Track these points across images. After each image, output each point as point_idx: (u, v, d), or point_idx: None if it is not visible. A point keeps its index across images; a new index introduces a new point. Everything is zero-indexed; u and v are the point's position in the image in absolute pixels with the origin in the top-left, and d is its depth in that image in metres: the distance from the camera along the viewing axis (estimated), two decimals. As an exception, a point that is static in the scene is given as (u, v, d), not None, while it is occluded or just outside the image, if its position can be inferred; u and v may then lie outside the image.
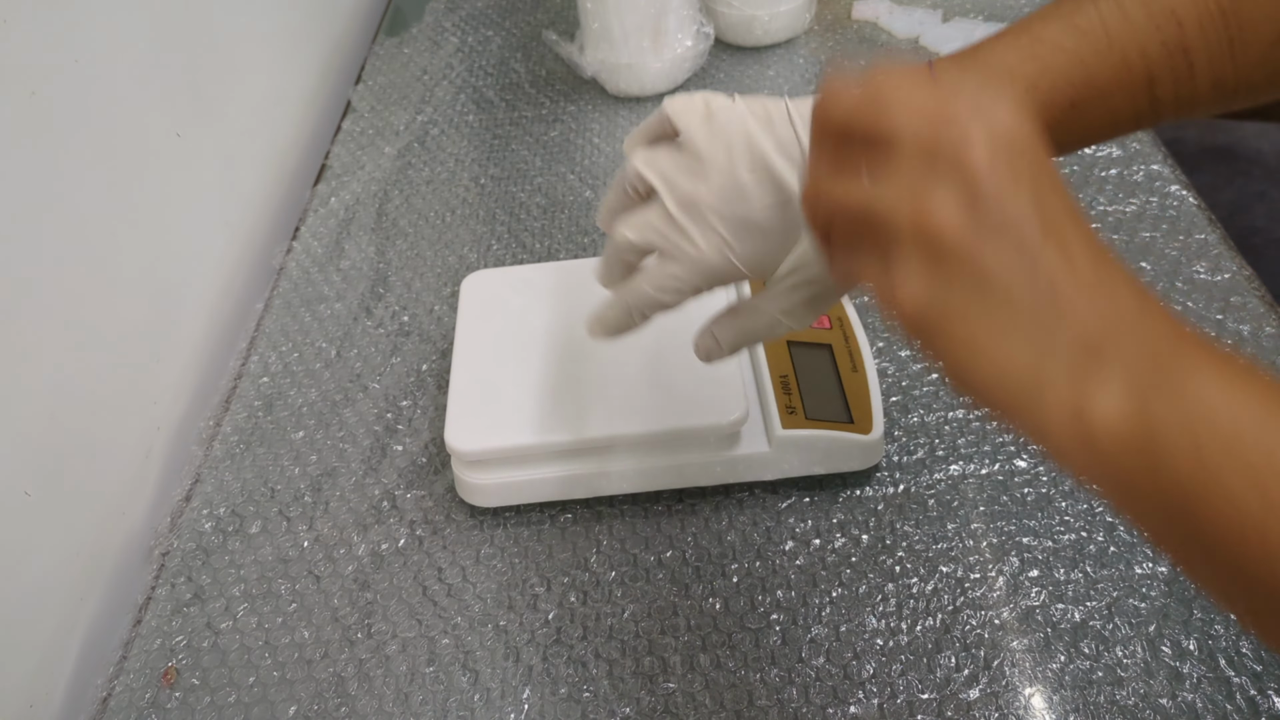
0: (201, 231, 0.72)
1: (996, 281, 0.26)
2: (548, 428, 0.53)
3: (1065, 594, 0.49)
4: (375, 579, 0.54)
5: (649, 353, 0.55)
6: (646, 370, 0.54)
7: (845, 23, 0.94)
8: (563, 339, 0.57)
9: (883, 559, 0.52)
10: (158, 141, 0.67)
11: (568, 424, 0.53)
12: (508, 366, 0.56)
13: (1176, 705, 0.45)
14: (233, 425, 0.64)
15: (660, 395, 0.53)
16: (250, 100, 0.81)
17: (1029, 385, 0.26)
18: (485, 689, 0.49)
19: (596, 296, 0.59)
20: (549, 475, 0.54)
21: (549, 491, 0.55)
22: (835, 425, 0.53)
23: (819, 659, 0.48)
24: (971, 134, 0.26)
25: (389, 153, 0.86)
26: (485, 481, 0.55)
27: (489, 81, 0.94)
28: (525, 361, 0.56)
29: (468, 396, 0.55)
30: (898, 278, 0.27)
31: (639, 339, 0.56)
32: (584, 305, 0.59)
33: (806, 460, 0.54)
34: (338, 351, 0.68)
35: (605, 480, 0.55)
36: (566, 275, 0.62)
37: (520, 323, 0.59)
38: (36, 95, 0.55)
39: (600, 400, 0.54)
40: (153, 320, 0.65)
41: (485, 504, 0.56)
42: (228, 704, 0.50)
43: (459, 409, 0.54)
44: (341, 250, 0.76)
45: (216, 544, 0.57)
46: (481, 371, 0.56)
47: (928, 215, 0.26)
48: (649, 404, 0.53)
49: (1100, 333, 0.26)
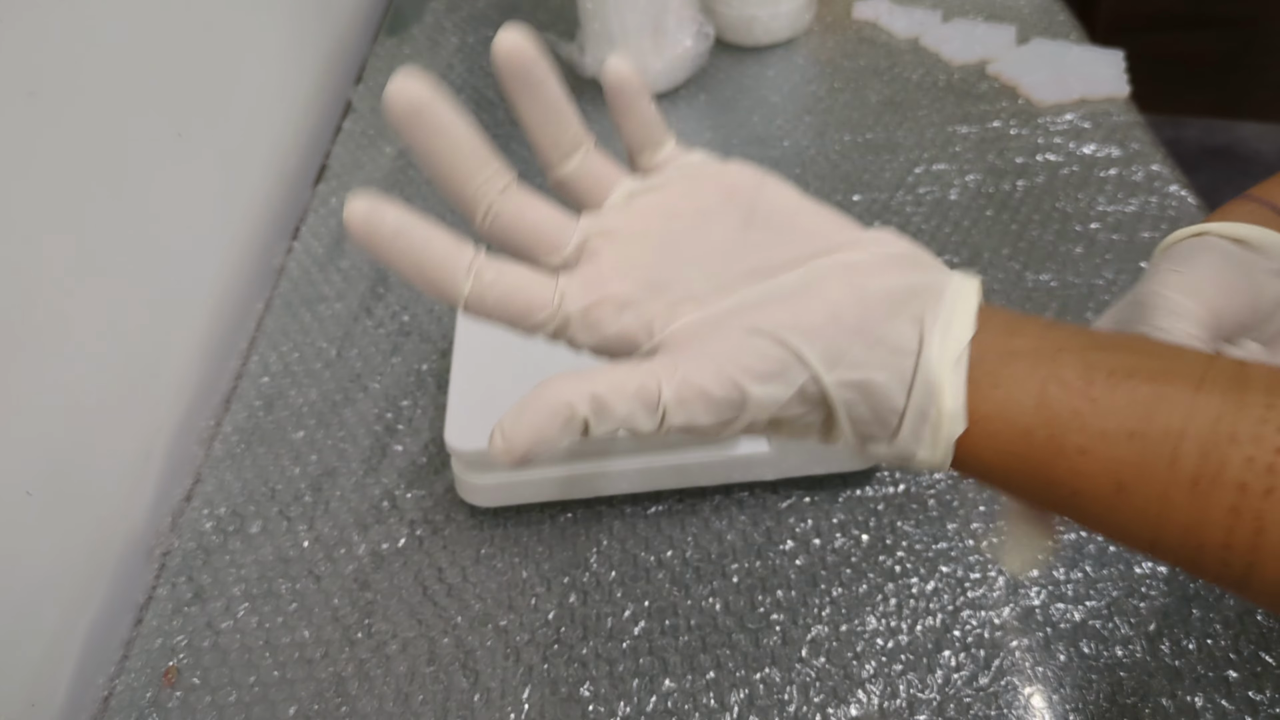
0: (201, 231, 0.72)
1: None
2: None
3: (1065, 594, 0.50)
4: (375, 579, 0.54)
5: None
6: None
7: (845, 23, 0.94)
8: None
9: (883, 559, 0.52)
10: (158, 141, 0.67)
11: None
12: (508, 366, 0.56)
13: (1176, 705, 0.45)
14: (233, 425, 0.64)
15: None
16: (250, 100, 0.81)
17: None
18: (485, 689, 0.49)
19: None
20: (549, 475, 0.54)
21: (549, 491, 0.55)
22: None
23: (819, 659, 0.48)
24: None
25: (389, 153, 0.86)
26: (486, 482, 0.55)
27: (489, 81, 0.94)
28: (525, 361, 0.56)
29: (468, 396, 0.55)
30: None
31: None
32: None
33: (806, 459, 0.54)
34: (338, 351, 0.68)
35: (605, 480, 0.55)
36: None
37: None
38: (36, 95, 0.55)
39: None
40: (153, 320, 0.65)
41: (485, 504, 0.56)
42: (228, 703, 0.50)
43: (459, 409, 0.54)
44: (341, 250, 0.76)
45: (217, 544, 0.57)
46: (482, 371, 0.56)
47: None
48: None
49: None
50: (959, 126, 0.80)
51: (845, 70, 0.88)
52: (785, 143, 0.81)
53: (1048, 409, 0.26)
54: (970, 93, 0.83)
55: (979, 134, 0.79)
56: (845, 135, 0.81)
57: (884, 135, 0.80)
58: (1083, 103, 0.80)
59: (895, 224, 0.72)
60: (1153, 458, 0.25)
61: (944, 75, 0.86)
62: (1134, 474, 0.25)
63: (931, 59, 0.88)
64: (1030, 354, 0.27)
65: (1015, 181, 0.74)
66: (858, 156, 0.78)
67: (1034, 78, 0.82)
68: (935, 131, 0.80)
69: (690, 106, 0.87)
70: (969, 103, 0.82)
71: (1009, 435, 0.27)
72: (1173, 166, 0.73)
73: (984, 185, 0.74)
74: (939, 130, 0.80)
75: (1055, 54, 0.85)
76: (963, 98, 0.83)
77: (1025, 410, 0.26)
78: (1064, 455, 0.26)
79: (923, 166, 0.76)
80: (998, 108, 0.81)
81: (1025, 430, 0.26)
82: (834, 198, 0.75)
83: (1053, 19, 0.90)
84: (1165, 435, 0.25)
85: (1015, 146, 0.77)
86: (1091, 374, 0.26)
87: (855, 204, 0.74)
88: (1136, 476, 0.25)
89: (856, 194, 0.75)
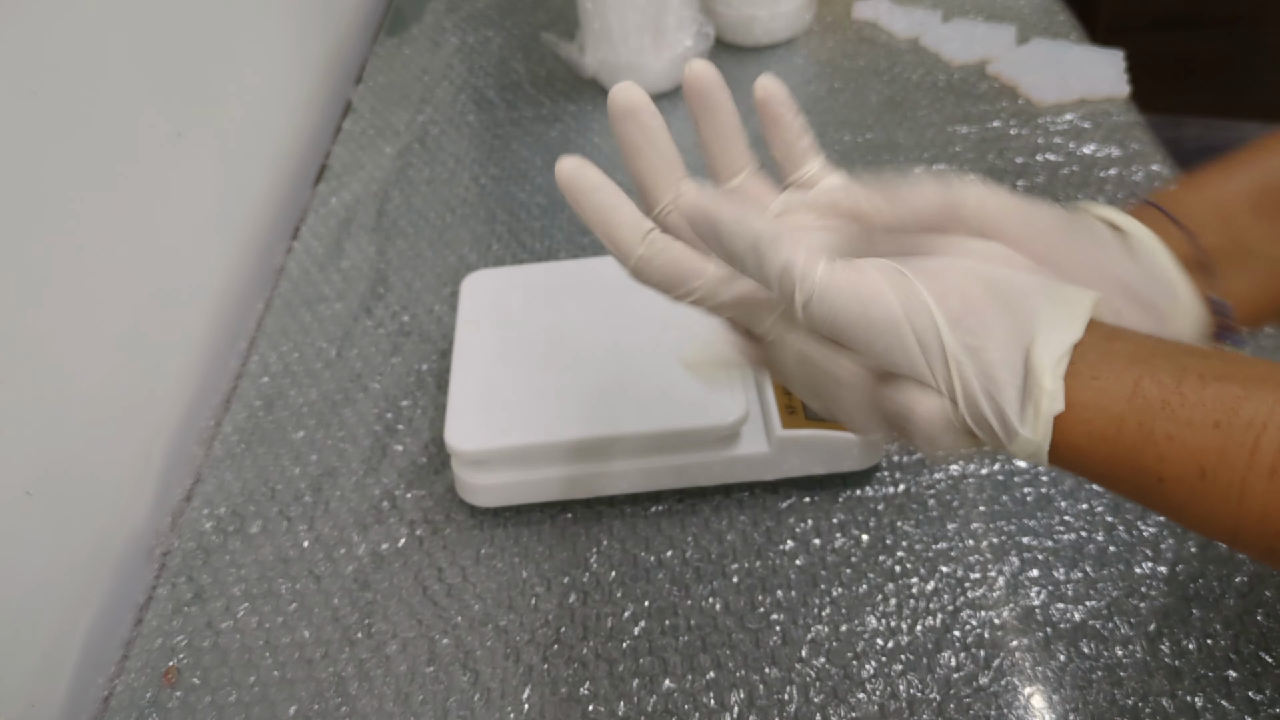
0: (201, 231, 0.72)
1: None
2: (548, 428, 0.53)
3: (1065, 594, 0.50)
4: (375, 579, 0.54)
5: (649, 352, 0.55)
6: (646, 370, 0.54)
7: (845, 23, 0.94)
8: (563, 339, 0.57)
9: (883, 559, 0.52)
10: (158, 141, 0.67)
11: (568, 424, 0.53)
12: (508, 366, 0.56)
13: (1176, 705, 0.45)
14: (233, 425, 0.64)
15: (660, 395, 0.53)
16: (250, 100, 0.81)
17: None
18: (485, 689, 0.49)
19: (596, 296, 0.59)
20: (549, 475, 0.54)
21: (549, 491, 0.55)
22: (835, 425, 0.53)
23: (819, 659, 0.48)
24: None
25: (389, 153, 0.86)
26: (486, 481, 0.55)
27: (489, 81, 0.94)
28: (525, 361, 0.56)
29: (468, 396, 0.55)
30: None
31: (639, 338, 0.56)
32: (584, 305, 0.59)
33: (806, 460, 0.54)
34: (338, 351, 0.68)
35: (605, 480, 0.55)
36: (567, 275, 0.62)
37: (520, 323, 0.59)
38: (36, 95, 0.55)
39: (600, 400, 0.54)
40: (153, 320, 0.65)
41: (485, 504, 0.56)
42: (228, 703, 0.50)
43: (459, 409, 0.54)
44: (341, 250, 0.76)
45: (217, 544, 0.57)
46: (481, 371, 0.56)
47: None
48: (649, 404, 0.53)
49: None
50: (959, 126, 0.80)
51: (845, 70, 0.88)
52: (785, 143, 0.81)
53: (1140, 399, 0.28)
54: (970, 93, 0.83)
55: (979, 134, 0.79)
56: (845, 135, 0.81)
57: (884, 135, 0.80)
58: (1083, 103, 0.80)
59: (895, 224, 0.72)
60: (1235, 446, 0.26)
61: (944, 75, 0.86)
62: (1216, 460, 0.27)
63: (931, 59, 0.88)
64: (1128, 355, 0.29)
65: (1015, 182, 0.74)
66: (858, 156, 0.78)
67: (1034, 78, 0.82)
68: (935, 131, 0.80)
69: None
70: (969, 103, 0.82)
71: (1102, 422, 0.28)
72: (1173, 166, 0.73)
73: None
74: (939, 130, 0.80)
75: (1055, 54, 0.85)
76: (963, 98, 0.83)
77: (1119, 400, 0.28)
78: (1152, 442, 0.28)
79: (922, 166, 0.76)
80: (998, 108, 0.81)
81: (1117, 418, 0.28)
82: (834, 198, 0.75)
83: (1053, 19, 0.90)
84: (1249, 426, 0.26)
85: (1015, 146, 0.77)
86: (1184, 375, 0.28)
87: (855, 204, 0.74)
88: (1219, 463, 0.26)
89: (856, 194, 0.75)
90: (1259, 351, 0.59)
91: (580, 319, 0.58)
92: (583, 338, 0.57)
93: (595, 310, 0.58)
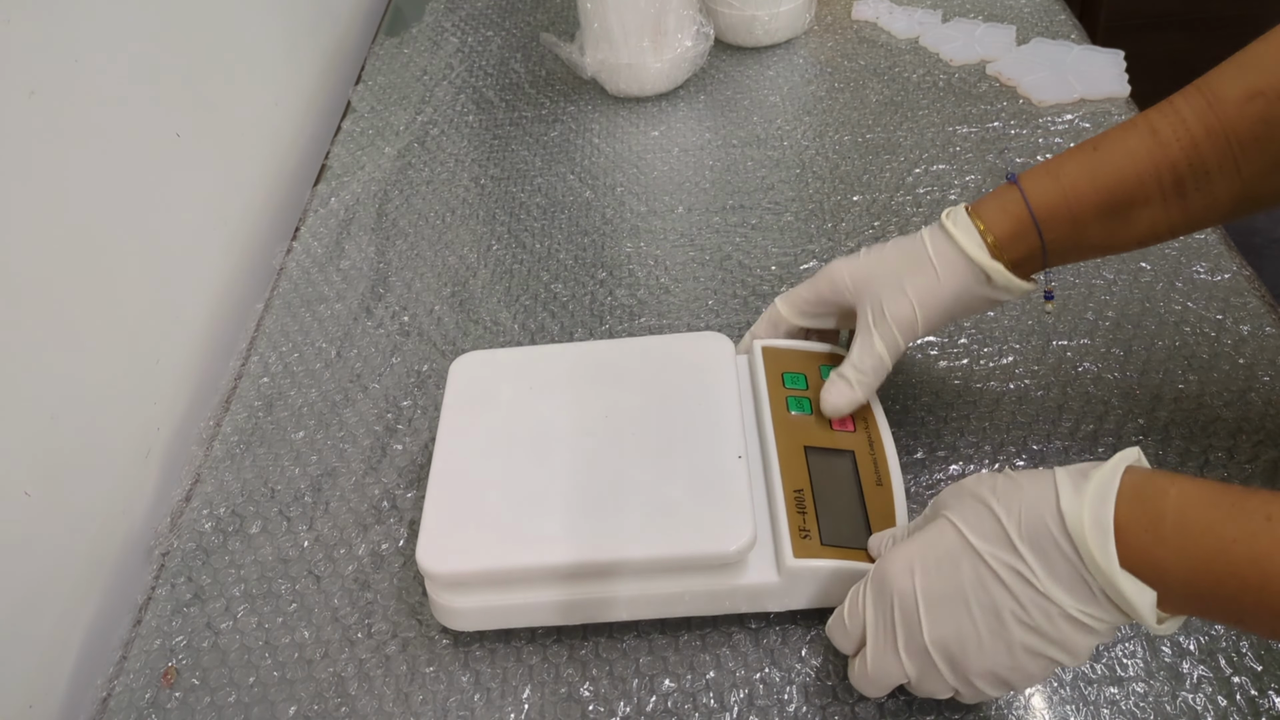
0: (201, 231, 0.72)
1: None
2: (531, 549, 0.47)
3: (1065, 594, 0.49)
4: (375, 579, 0.54)
5: (648, 457, 0.50)
6: (644, 480, 0.49)
7: (845, 23, 0.94)
8: (555, 439, 0.51)
9: (883, 559, 0.52)
10: (158, 141, 0.67)
11: (553, 545, 0.47)
12: (492, 470, 0.50)
13: (1176, 705, 0.45)
14: (233, 425, 0.64)
15: (658, 511, 0.48)
16: (250, 100, 0.81)
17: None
18: (485, 689, 0.49)
19: (595, 389, 0.54)
20: (531, 600, 0.48)
21: (532, 617, 0.50)
22: (853, 553, 0.47)
23: (819, 659, 0.48)
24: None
25: (389, 153, 0.86)
26: (462, 605, 0.49)
27: (489, 81, 0.94)
28: (512, 466, 0.51)
29: (445, 506, 0.49)
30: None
31: (639, 441, 0.51)
32: (581, 398, 0.54)
33: (819, 592, 0.48)
34: (338, 351, 0.68)
35: (592, 608, 0.49)
36: (565, 361, 0.56)
37: (510, 417, 0.53)
38: (36, 95, 0.55)
39: (593, 515, 0.48)
40: (153, 320, 0.65)
41: (462, 628, 0.51)
42: (228, 704, 0.50)
43: (435, 523, 0.48)
44: (341, 250, 0.76)
45: (216, 544, 0.57)
46: (463, 476, 0.51)
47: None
48: (644, 522, 0.47)
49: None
50: (959, 127, 0.80)
51: (845, 70, 0.88)
52: (785, 143, 0.81)
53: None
54: (970, 93, 0.83)
55: (979, 134, 0.79)
56: (845, 135, 0.81)
57: (884, 135, 0.80)
58: (1083, 103, 0.80)
59: (895, 224, 0.72)
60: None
61: (944, 75, 0.86)
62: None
63: (931, 59, 0.88)
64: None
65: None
66: (858, 157, 0.78)
67: (1034, 78, 0.82)
68: (935, 132, 0.80)
69: (690, 106, 0.87)
70: (969, 103, 0.82)
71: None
72: (1173, 166, 0.73)
73: (984, 186, 0.74)
74: (939, 130, 0.80)
75: (1055, 54, 0.85)
76: (963, 98, 0.83)
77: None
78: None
79: (922, 167, 0.76)
80: (998, 108, 0.81)
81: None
82: (834, 198, 0.75)
83: (1053, 19, 0.90)
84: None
85: (1015, 147, 0.77)
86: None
87: (855, 204, 0.74)
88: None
89: (856, 194, 0.75)
90: (1261, 352, 0.59)
91: (575, 416, 0.53)
92: (577, 439, 0.51)
93: (593, 407, 0.53)
